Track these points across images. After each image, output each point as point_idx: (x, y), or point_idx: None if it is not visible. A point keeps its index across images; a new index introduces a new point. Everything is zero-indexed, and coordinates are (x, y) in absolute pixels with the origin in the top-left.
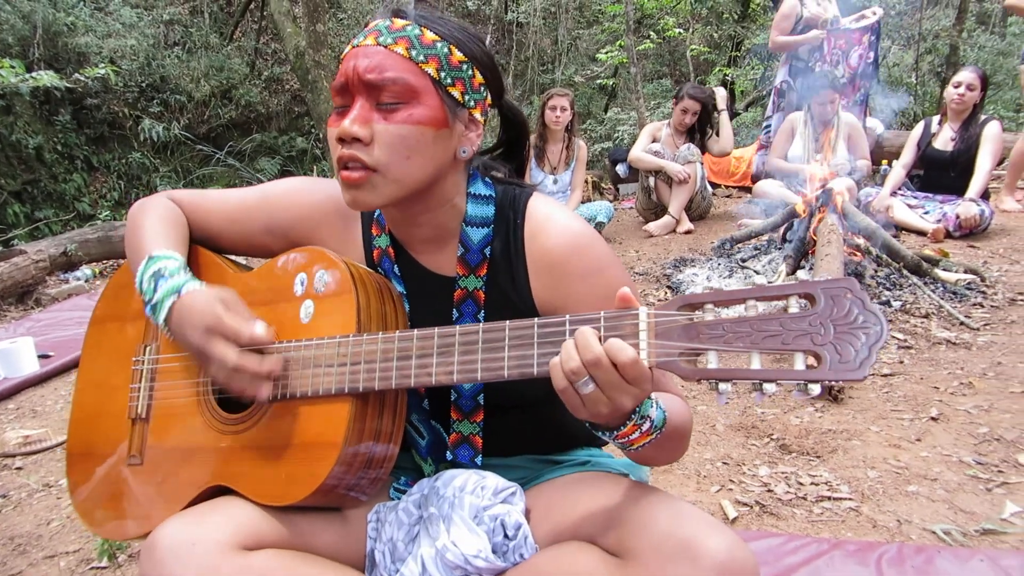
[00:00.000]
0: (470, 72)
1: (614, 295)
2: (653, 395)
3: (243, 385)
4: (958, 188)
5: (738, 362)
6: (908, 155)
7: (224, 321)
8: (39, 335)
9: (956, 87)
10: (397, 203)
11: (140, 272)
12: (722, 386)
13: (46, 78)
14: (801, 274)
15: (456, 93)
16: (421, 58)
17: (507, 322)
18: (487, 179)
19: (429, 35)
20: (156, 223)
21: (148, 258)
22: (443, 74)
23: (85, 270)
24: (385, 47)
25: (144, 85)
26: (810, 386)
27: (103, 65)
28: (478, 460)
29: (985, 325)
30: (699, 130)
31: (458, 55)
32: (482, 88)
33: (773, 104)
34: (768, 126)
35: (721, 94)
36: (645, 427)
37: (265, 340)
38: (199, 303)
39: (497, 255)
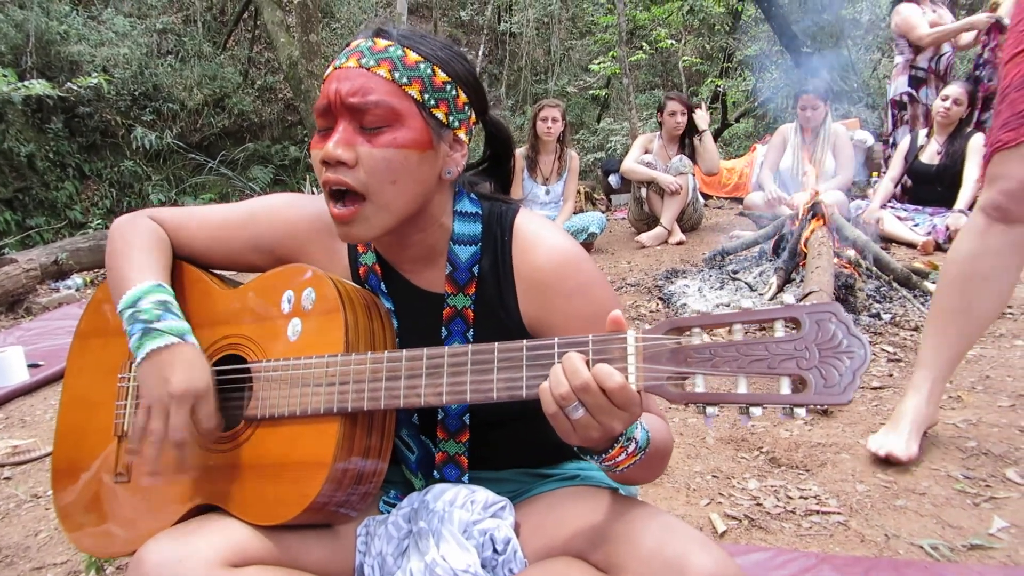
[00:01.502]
0: (454, 92)
1: (600, 314)
2: None
3: (152, 455)
4: (946, 201)
5: (725, 385)
6: (896, 168)
7: (211, 404)
8: (29, 344)
9: (943, 100)
10: (388, 232)
11: (141, 292)
12: (709, 409)
13: (38, 87)
14: (789, 297)
15: (440, 115)
16: (404, 80)
17: (496, 344)
18: (472, 196)
19: (412, 56)
20: (145, 248)
21: (158, 285)
22: (427, 96)
23: (76, 279)
24: (367, 69)
25: (137, 94)
26: (796, 410)
27: (96, 74)
28: (464, 479)
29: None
30: (688, 136)
31: (442, 76)
32: (466, 107)
33: (893, 118)
34: (892, 142)
35: (701, 115)
36: (631, 449)
37: (208, 441)
38: (200, 365)
39: (485, 273)
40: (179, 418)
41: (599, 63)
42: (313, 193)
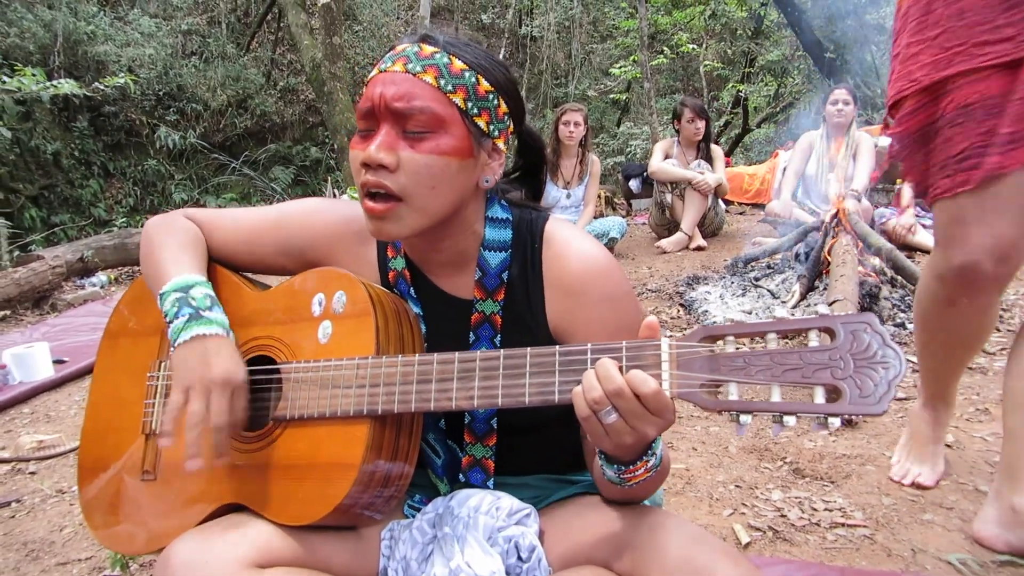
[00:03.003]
0: (496, 102)
1: (625, 326)
2: None
3: (195, 440)
4: None
5: (758, 394)
6: None
7: (245, 396)
8: (54, 340)
9: None
10: (421, 234)
11: (194, 281)
12: (743, 418)
13: (66, 86)
14: (824, 307)
15: (482, 123)
16: (449, 88)
17: (528, 349)
18: (503, 202)
19: (458, 64)
20: (186, 243)
21: (207, 281)
22: (470, 104)
23: (101, 276)
24: (414, 75)
25: (161, 93)
26: (830, 420)
27: (122, 74)
28: (490, 483)
29: (1001, 350)
30: (706, 142)
31: (485, 85)
32: (506, 117)
33: None
34: None
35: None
36: (651, 463)
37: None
38: (239, 360)
39: (514, 279)
40: (222, 402)
41: (620, 67)
42: (335, 195)
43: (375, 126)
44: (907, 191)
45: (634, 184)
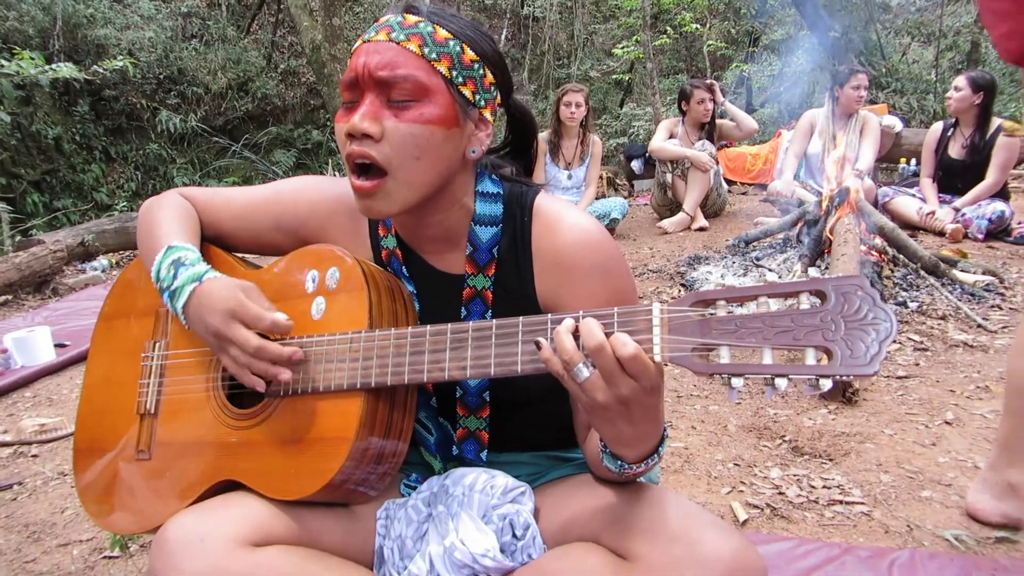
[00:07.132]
0: (481, 71)
1: (616, 299)
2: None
3: (263, 369)
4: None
5: (750, 358)
6: (929, 165)
7: (246, 306)
8: (56, 324)
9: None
10: (410, 209)
11: (158, 261)
12: (735, 381)
13: (65, 70)
14: (815, 271)
15: (467, 92)
16: (433, 56)
17: (520, 317)
18: (494, 177)
19: (442, 32)
20: (171, 217)
21: (167, 247)
22: (455, 73)
23: (102, 260)
24: (397, 43)
25: (162, 77)
26: (821, 381)
27: (122, 57)
28: (484, 455)
29: (1003, 328)
30: (711, 121)
31: (470, 54)
32: (492, 87)
33: None
34: None
35: (716, 88)
36: (651, 462)
37: (285, 327)
38: (219, 289)
39: (504, 254)
40: (238, 335)
41: (622, 47)
42: (335, 176)
43: (359, 97)
44: (925, 186)
45: (636, 165)
